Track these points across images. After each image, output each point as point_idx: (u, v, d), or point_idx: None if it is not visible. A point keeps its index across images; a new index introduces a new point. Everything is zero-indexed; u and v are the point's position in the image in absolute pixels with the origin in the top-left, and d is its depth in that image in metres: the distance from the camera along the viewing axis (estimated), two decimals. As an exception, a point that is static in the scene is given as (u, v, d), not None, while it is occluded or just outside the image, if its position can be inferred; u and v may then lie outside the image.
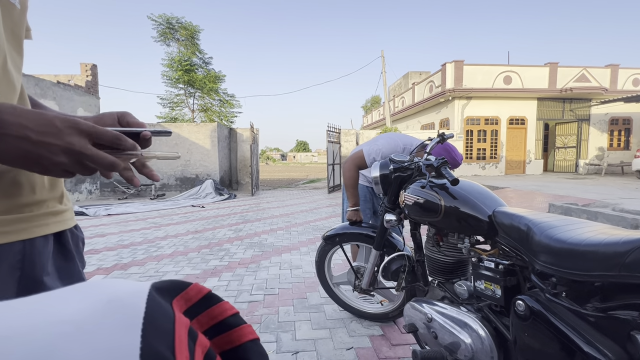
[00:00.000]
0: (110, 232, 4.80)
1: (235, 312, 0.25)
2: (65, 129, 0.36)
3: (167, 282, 0.22)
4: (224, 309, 0.24)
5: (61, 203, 0.53)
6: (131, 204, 7.63)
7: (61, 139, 0.36)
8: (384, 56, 13.56)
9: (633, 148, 12.80)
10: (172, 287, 0.22)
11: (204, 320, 0.23)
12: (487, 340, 1.02)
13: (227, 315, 0.24)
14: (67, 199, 0.56)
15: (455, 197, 1.20)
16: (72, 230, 0.55)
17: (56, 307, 0.18)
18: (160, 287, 0.21)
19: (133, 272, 2.99)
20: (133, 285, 0.20)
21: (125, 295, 0.19)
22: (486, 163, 12.52)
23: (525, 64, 12.25)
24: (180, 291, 0.22)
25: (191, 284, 0.23)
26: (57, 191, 0.53)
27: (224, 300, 0.24)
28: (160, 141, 9.96)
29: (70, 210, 0.56)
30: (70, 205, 0.56)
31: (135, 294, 0.19)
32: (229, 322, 0.24)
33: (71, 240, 0.54)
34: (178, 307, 0.21)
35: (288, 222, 5.34)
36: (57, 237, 0.51)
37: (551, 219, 0.96)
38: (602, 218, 4.08)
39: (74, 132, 0.36)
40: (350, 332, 1.86)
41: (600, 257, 0.75)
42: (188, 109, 15.70)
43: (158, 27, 14.39)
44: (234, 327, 0.24)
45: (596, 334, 0.76)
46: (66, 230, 0.53)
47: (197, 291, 0.23)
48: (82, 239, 0.59)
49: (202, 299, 0.23)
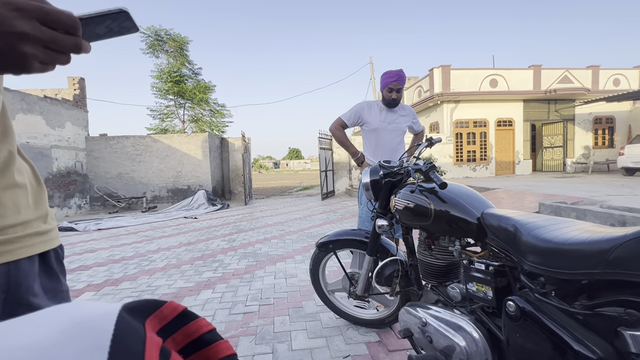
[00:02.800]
0: (101, 247, 4.70)
1: (212, 329, 0.25)
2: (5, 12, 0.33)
3: (140, 302, 0.22)
4: (199, 326, 0.24)
5: (46, 222, 0.53)
6: (122, 218, 7.51)
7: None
8: (373, 62, 13.75)
9: (617, 146, 13.12)
10: (144, 307, 0.22)
11: (179, 338, 0.23)
12: (481, 342, 1.03)
13: (203, 332, 0.24)
14: (51, 218, 0.55)
15: (444, 200, 1.21)
16: (56, 249, 0.55)
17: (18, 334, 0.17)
18: (132, 308, 0.21)
19: (125, 287, 2.93)
20: (102, 307, 0.20)
21: (93, 318, 0.18)
22: (477, 165, 12.69)
23: (510, 67, 12.54)
24: (154, 310, 0.22)
25: (166, 302, 0.23)
26: (41, 210, 0.52)
27: (200, 317, 0.24)
28: (150, 152, 9.88)
29: (55, 229, 0.55)
30: (54, 224, 0.56)
31: (104, 316, 0.19)
32: (205, 338, 0.24)
33: (54, 260, 0.53)
34: (151, 327, 0.21)
35: (282, 230, 5.31)
36: (42, 257, 0.51)
37: (537, 219, 0.98)
38: (591, 215, 4.15)
39: (17, 15, 0.33)
40: (347, 339, 1.85)
41: (585, 255, 0.76)
42: (178, 120, 15.64)
43: (147, 40, 14.38)
44: (210, 343, 0.24)
45: (585, 332, 0.77)
46: (50, 250, 0.52)
47: (171, 309, 0.23)
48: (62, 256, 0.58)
49: (177, 317, 0.23)
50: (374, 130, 2.32)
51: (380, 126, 2.31)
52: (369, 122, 2.33)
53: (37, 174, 0.55)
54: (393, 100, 2.28)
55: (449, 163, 12.39)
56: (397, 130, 2.36)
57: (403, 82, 2.25)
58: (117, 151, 9.79)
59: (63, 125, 8.66)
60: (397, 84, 2.23)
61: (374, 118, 2.32)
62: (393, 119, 2.34)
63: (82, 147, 9.46)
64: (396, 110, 2.36)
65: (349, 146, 2.35)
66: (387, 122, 2.32)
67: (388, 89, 2.26)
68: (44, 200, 0.54)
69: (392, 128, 2.34)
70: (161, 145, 9.96)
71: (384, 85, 2.27)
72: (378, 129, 2.32)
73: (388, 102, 2.29)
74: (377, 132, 2.32)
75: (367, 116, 2.33)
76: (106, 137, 9.91)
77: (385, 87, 2.27)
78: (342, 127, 2.39)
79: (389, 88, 2.25)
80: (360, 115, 2.35)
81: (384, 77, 2.28)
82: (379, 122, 2.31)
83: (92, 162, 9.67)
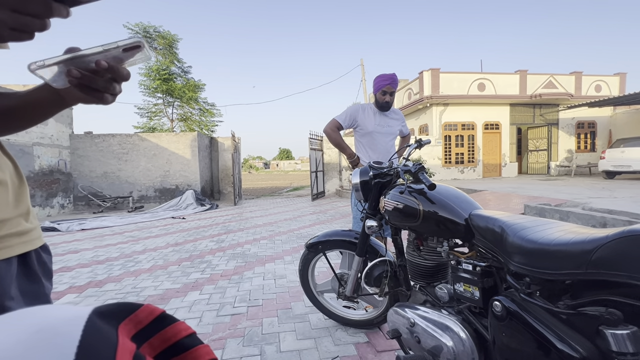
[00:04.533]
0: (84, 247, 4.58)
1: (191, 333, 0.24)
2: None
3: (113, 306, 0.21)
4: (178, 330, 0.23)
5: (27, 221, 0.50)
6: (107, 218, 7.33)
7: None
8: (364, 64, 13.84)
9: (598, 150, 13.55)
10: (118, 311, 0.21)
11: (156, 343, 0.22)
12: (468, 342, 1.04)
13: (182, 336, 0.23)
14: (33, 217, 0.53)
15: (433, 201, 1.22)
16: (38, 250, 0.52)
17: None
18: (103, 312, 0.19)
19: (109, 289, 2.86)
20: (69, 312, 0.19)
21: (59, 324, 0.17)
22: (464, 167, 12.90)
23: (497, 72, 12.81)
24: (128, 314, 0.21)
25: (142, 305, 0.22)
26: (22, 207, 0.50)
27: (179, 320, 0.23)
28: (138, 151, 9.69)
29: (37, 228, 0.53)
30: (37, 223, 0.53)
31: (71, 322, 0.17)
32: (184, 343, 0.23)
33: (36, 261, 0.51)
34: (125, 332, 0.20)
35: (272, 231, 5.28)
36: (22, 258, 0.49)
37: (523, 220, 1.00)
38: (573, 217, 4.27)
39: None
40: (335, 340, 1.84)
41: (569, 256, 0.78)
42: (167, 119, 15.39)
43: (135, 36, 14.10)
44: (189, 348, 0.23)
45: (568, 331, 0.78)
46: (31, 251, 0.50)
47: (148, 313, 0.22)
48: (50, 259, 0.56)
49: (154, 321, 0.22)
50: (368, 133, 2.35)
51: (375, 129, 2.34)
52: (363, 125, 2.35)
53: (19, 170, 0.53)
54: (386, 103, 2.32)
55: (437, 165, 12.56)
56: (390, 134, 2.40)
57: (396, 86, 2.29)
58: (102, 149, 9.55)
59: (46, 122, 8.40)
60: (390, 87, 2.26)
61: (369, 121, 2.34)
62: (386, 122, 2.38)
63: (66, 145, 9.20)
64: (388, 113, 2.40)
65: (345, 148, 2.35)
66: (381, 126, 2.36)
67: (382, 91, 2.28)
68: (26, 197, 0.51)
69: (385, 131, 2.37)
70: (149, 144, 9.77)
71: (378, 88, 2.28)
72: (373, 132, 2.34)
73: (381, 105, 2.33)
74: (372, 135, 2.35)
75: (361, 119, 2.35)
76: (91, 135, 9.66)
77: (378, 90, 2.29)
78: (337, 129, 2.40)
79: (382, 91, 2.28)
80: (355, 118, 2.36)
81: (377, 80, 2.29)
82: (374, 126, 2.34)
83: (77, 160, 9.41)
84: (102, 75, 0.44)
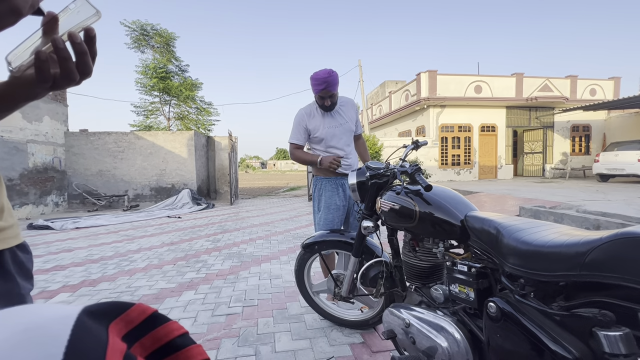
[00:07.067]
0: (79, 246, 4.54)
1: (184, 332, 0.23)
2: None
3: (103, 305, 0.20)
4: (170, 330, 0.22)
5: (1, 219, 0.49)
6: (102, 216, 7.27)
7: None
8: (361, 65, 13.86)
9: (593, 153, 13.69)
10: (109, 310, 0.20)
11: (147, 343, 0.21)
12: (463, 343, 1.04)
13: (174, 336, 0.22)
14: (9, 214, 0.51)
15: (429, 202, 1.23)
16: (14, 249, 0.51)
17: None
18: (94, 311, 0.19)
19: (103, 288, 2.84)
20: (59, 311, 0.18)
21: (47, 323, 0.17)
22: (461, 169, 12.97)
23: (493, 74, 12.91)
24: (120, 313, 0.21)
25: (133, 304, 0.21)
26: None
27: (171, 320, 0.23)
28: (133, 149, 9.63)
29: (14, 226, 0.51)
30: (13, 221, 0.52)
31: (59, 321, 0.17)
32: (176, 343, 0.22)
33: (11, 260, 0.49)
34: (116, 332, 0.19)
35: (268, 231, 5.27)
36: None
37: (518, 222, 1.00)
38: (568, 219, 4.31)
39: None
40: (331, 341, 1.84)
41: (563, 258, 0.78)
42: (163, 117, 15.29)
43: (132, 34, 14.00)
44: (181, 348, 0.22)
45: (562, 332, 0.79)
46: (5, 249, 0.49)
47: (139, 312, 0.22)
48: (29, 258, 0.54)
49: (145, 320, 0.22)
50: (322, 140, 2.14)
51: (328, 132, 2.12)
52: (314, 130, 2.13)
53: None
54: (328, 106, 2.09)
55: (434, 166, 12.62)
56: (345, 131, 2.17)
57: (333, 87, 1.99)
58: (98, 147, 9.47)
59: (40, 119, 8.32)
60: (327, 91, 1.99)
61: (318, 125, 2.12)
62: (337, 121, 2.15)
63: (61, 143, 9.11)
64: (337, 109, 2.16)
65: (311, 157, 2.14)
66: (333, 127, 2.13)
67: (318, 97, 2.06)
68: (1, 194, 0.50)
69: (339, 132, 2.14)
70: (145, 142, 9.71)
71: (315, 92, 2.05)
72: (326, 138, 2.13)
73: (324, 107, 2.10)
74: (326, 141, 2.14)
75: (311, 125, 2.13)
76: (87, 132, 9.57)
77: (316, 94, 2.06)
78: (298, 150, 2.20)
79: (319, 96, 2.05)
80: (304, 126, 2.14)
81: (312, 82, 2.02)
82: (326, 129, 2.12)
83: (72, 158, 9.32)
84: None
